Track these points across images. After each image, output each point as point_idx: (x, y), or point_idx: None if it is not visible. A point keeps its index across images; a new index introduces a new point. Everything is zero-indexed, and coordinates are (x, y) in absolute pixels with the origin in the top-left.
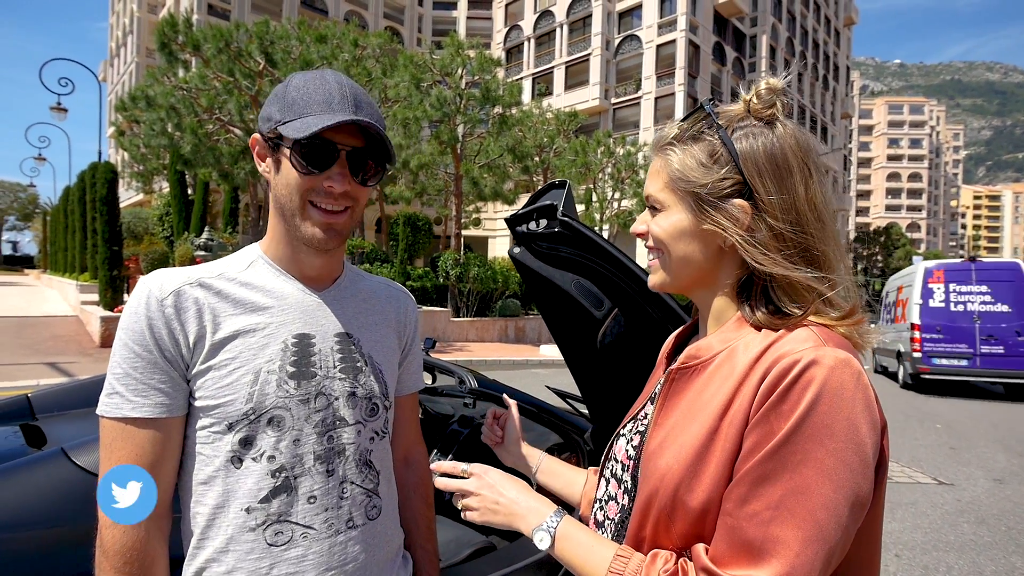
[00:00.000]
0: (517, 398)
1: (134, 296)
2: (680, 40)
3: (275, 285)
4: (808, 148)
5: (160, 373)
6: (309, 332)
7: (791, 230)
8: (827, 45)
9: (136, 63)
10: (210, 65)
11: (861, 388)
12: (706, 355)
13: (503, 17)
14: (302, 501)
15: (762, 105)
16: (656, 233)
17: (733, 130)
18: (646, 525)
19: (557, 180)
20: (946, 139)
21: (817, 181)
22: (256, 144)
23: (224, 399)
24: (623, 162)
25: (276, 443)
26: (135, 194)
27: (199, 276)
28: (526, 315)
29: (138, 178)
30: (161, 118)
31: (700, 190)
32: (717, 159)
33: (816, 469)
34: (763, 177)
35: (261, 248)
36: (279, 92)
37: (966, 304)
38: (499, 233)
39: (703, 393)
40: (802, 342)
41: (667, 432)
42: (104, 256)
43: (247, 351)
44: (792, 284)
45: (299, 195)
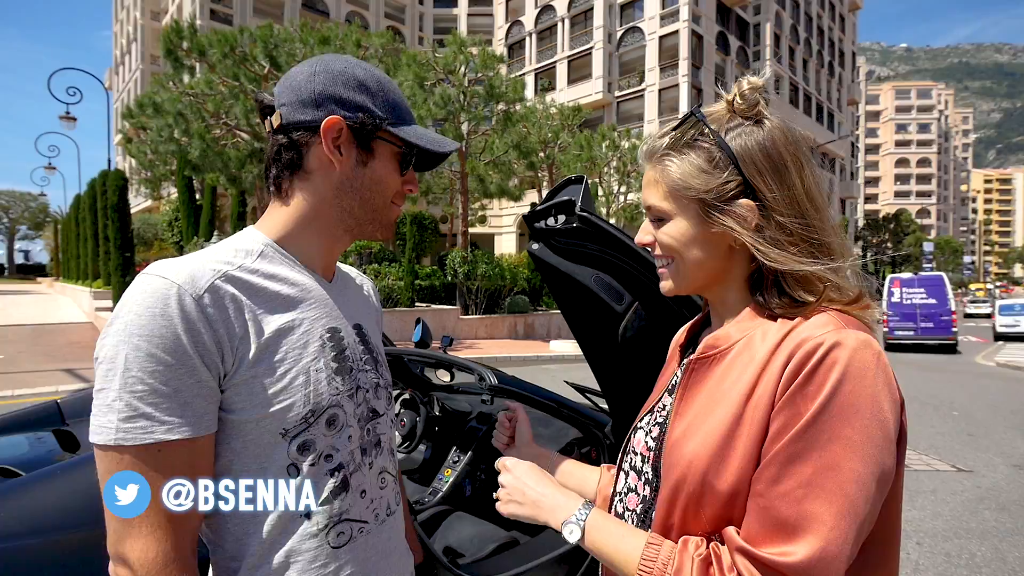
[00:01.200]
0: (537, 394)
1: (148, 294)
2: (683, 31)
3: (295, 277)
4: (797, 139)
5: (198, 387)
6: (336, 325)
7: (797, 224)
8: (832, 31)
9: (141, 70)
10: (216, 70)
11: (881, 367)
12: (724, 344)
13: (504, 13)
14: (355, 496)
15: (747, 105)
16: (666, 243)
17: (725, 132)
18: (674, 512)
19: (574, 176)
20: (955, 123)
21: (810, 171)
22: (335, 128)
23: (280, 405)
24: (628, 155)
25: (333, 442)
26: (144, 200)
27: (222, 268)
28: (535, 311)
29: (146, 184)
30: (169, 124)
31: (705, 196)
32: (717, 164)
33: (844, 446)
34: (764, 175)
35: (269, 236)
36: (367, 84)
37: (912, 299)
38: (505, 230)
39: (724, 381)
40: (823, 326)
41: (690, 420)
42: (117, 262)
43: (292, 351)
44: (804, 275)
45: (392, 193)
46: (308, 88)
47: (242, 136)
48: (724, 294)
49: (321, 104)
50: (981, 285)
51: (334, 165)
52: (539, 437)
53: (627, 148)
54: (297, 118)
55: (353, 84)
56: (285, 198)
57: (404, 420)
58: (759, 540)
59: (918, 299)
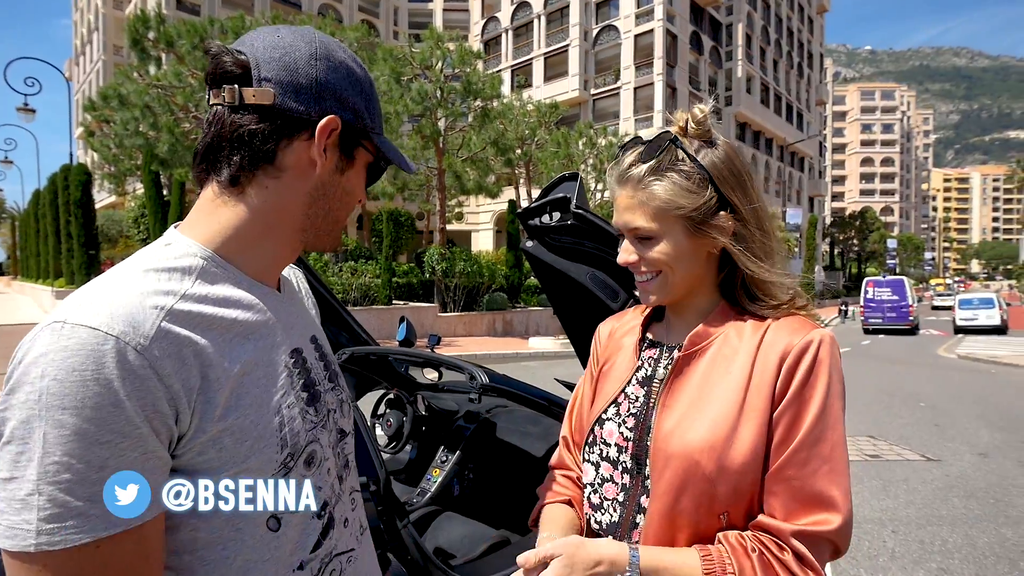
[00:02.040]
0: (527, 392)
1: (72, 352)
2: (658, 30)
3: (246, 298)
4: (742, 154)
5: (143, 458)
6: (297, 346)
7: (758, 232)
8: (801, 33)
9: (103, 61)
10: (185, 62)
11: (839, 356)
12: (705, 340)
13: (480, 9)
14: (339, 527)
15: (702, 129)
16: (656, 259)
17: (695, 153)
18: (682, 498)
19: (568, 173)
20: (916, 124)
21: (758, 183)
22: (329, 128)
23: (255, 458)
24: (605, 153)
25: (316, 480)
26: (107, 196)
27: (164, 303)
28: (513, 308)
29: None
30: (135, 117)
31: (694, 214)
32: (698, 183)
33: (838, 421)
34: (735, 190)
35: (205, 244)
36: (362, 84)
37: (881, 296)
38: (482, 227)
39: (712, 373)
40: (801, 328)
41: (683, 411)
42: (81, 261)
43: (261, 390)
44: (765, 281)
45: (354, 204)
46: (308, 73)
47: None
48: (695, 298)
49: (322, 97)
50: (941, 280)
51: (314, 167)
52: (528, 435)
53: (604, 145)
54: (289, 104)
55: (351, 82)
56: (238, 195)
57: (391, 420)
58: (799, 515)
59: (886, 296)
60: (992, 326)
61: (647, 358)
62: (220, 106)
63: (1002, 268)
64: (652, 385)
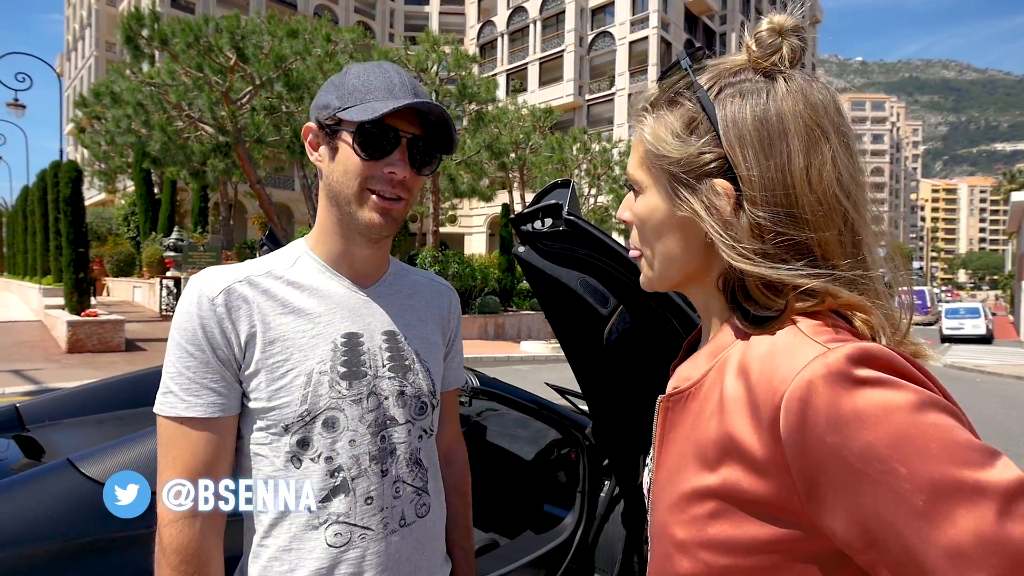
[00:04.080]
0: (518, 396)
1: (185, 295)
2: (652, 37)
3: (321, 283)
4: (818, 107)
5: (213, 372)
6: (357, 331)
7: (772, 216)
8: None
9: (95, 57)
10: (179, 60)
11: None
12: (696, 375)
13: (476, 13)
14: (360, 502)
15: (761, 53)
16: (633, 221)
17: (721, 88)
18: None
19: (560, 179)
20: (906, 134)
21: (832, 150)
22: (309, 133)
23: (279, 401)
24: (599, 158)
25: (332, 444)
26: (97, 193)
27: (248, 274)
28: (506, 312)
29: (100, 177)
30: (128, 114)
31: (673, 167)
32: (695, 128)
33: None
34: (744, 147)
35: (307, 244)
36: (336, 81)
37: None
38: (475, 230)
39: (697, 425)
40: (795, 354)
41: (665, 476)
42: (69, 258)
43: (298, 352)
44: (771, 283)
45: (358, 181)
46: (313, 105)
47: (206, 129)
48: (702, 298)
49: (311, 116)
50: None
51: (320, 167)
52: (518, 439)
53: (598, 151)
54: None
55: (327, 86)
56: (319, 206)
57: None
58: None
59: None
60: (978, 335)
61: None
62: None
63: (988, 278)
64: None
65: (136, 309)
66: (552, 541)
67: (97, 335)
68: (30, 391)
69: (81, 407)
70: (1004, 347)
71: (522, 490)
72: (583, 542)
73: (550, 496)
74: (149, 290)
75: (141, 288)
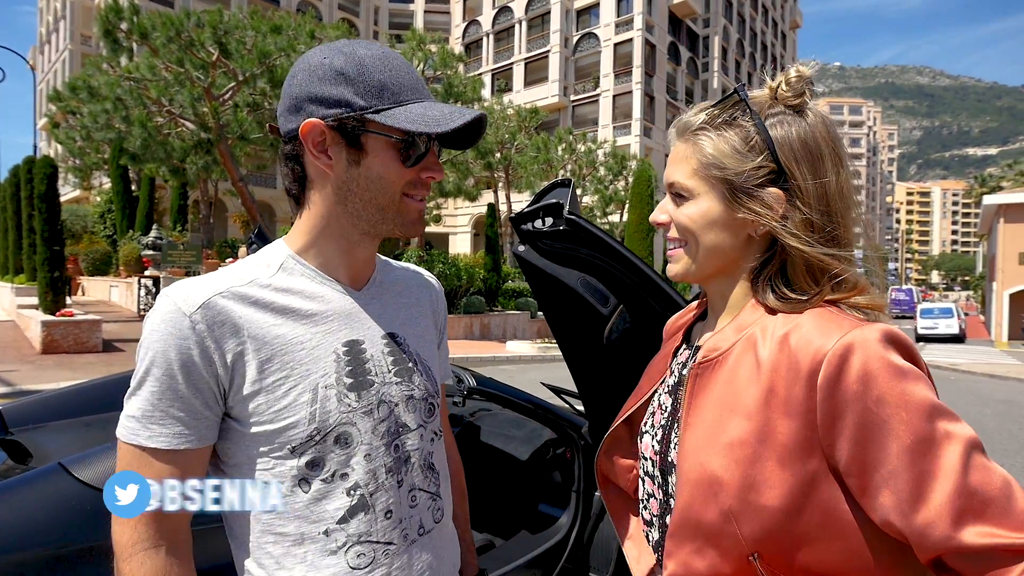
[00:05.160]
0: (514, 395)
1: (157, 310)
2: (637, 39)
3: (313, 289)
4: (836, 137)
5: (181, 402)
6: (357, 338)
7: (821, 218)
8: (774, 47)
9: (70, 51)
10: (159, 55)
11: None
12: (724, 346)
13: (461, 12)
14: (380, 518)
15: (792, 93)
16: (683, 223)
17: (766, 117)
18: (699, 532)
19: (561, 179)
20: (882, 138)
21: (845, 167)
22: (314, 132)
23: (283, 422)
24: (584, 159)
25: (347, 460)
26: (72, 190)
27: (229, 285)
28: (491, 311)
29: (75, 173)
30: (106, 110)
31: (735, 178)
32: (753, 146)
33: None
34: (799, 164)
35: (290, 248)
36: (345, 71)
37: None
38: (460, 230)
39: (732, 385)
40: (839, 325)
41: (705, 431)
42: (44, 256)
43: (299, 367)
44: (810, 268)
45: (399, 187)
46: (289, 92)
47: (187, 125)
48: (727, 287)
49: (300, 108)
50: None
51: (327, 171)
52: (512, 439)
53: (583, 152)
54: (287, 127)
55: (330, 76)
56: (301, 208)
57: None
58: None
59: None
60: (951, 335)
61: (678, 362)
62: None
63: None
64: (678, 394)
65: (113, 309)
66: (547, 541)
67: (73, 335)
68: (4, 393)
69: (67, 409)
70: (976, 346)
71: (517, 490)
72: (578, 541)
73: (545, 496)
74: (126, 289)
75: (118, 287)
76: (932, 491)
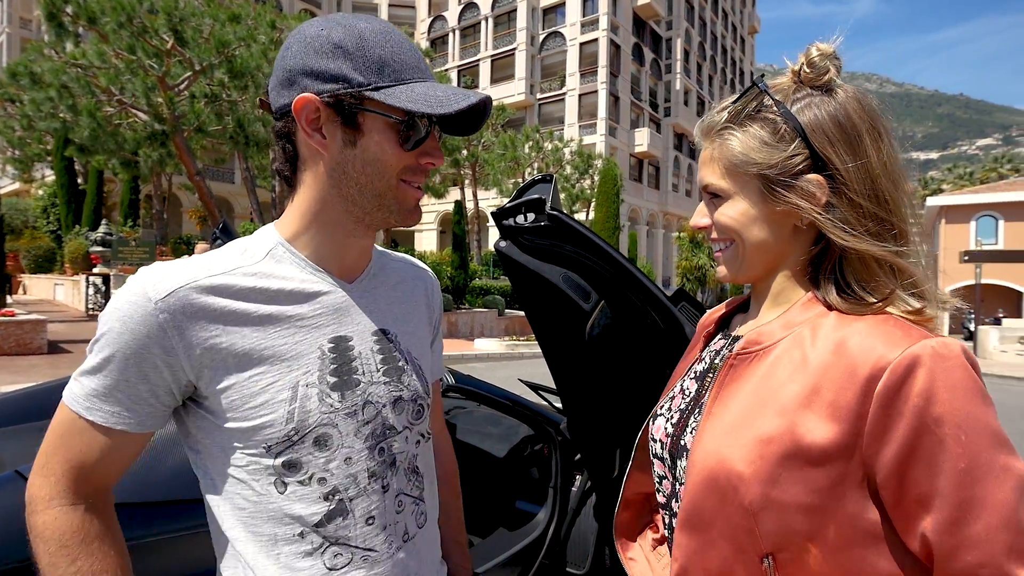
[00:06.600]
0: (492, 392)
1: (126, 290)
2: (602, 39)
3: (302, 280)
4: (873, 110)
5: (127, 385)
6: (345, 334)
7: (870, 202)
8: (734, 51)
9: (8, 34)
10: (109, 41)
11: (973, 376)
12: (768, 341)
13: (427, 6)
14: (360, 524)
15: (815, 73)
16: (725, 223)
17: (792, 103)
18: (713, 526)
19: (542, 175)
20: None
21: (888, 144)
22: (308, 109)
23: (259, 420)
24: (551, 157)
25: (325, 464)
26: (11, 183)
27: (209, 272)
28: (458, 309)
29: (15, 165)
30: (50, 97)
31: (769, 171)
32: (782, 136)
33: (999, 472)
34: (835, 146)
35: (281, 234)
36: (344, 44)
37: None
38: (426, 228)
39: (769, 380)
40: (907, 334)
41: (730, 422)
42: None
43: (279, 362)
44: (867, 263)
45: (396, 172)
46: (282, 64)
47: (139, 116)
48: (777, 282)
49: (294, 82)
50: None
51: (321, 151)
52: (489, 436)
53: (550, 150)
54: (279, 102)
55: (327, 49)
56: (293, 191)
57: None
58: None
59: None
60: None
61: (710, 350)
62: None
63: None
64: (705, 380)
65: (58, 308)
66: (525, 538)
67: (15, 336)
68: None
69: (20, 414)
70: None
71: (494, 488)
72: (556, 537)
73: (522, 492)
74: (73, 287)
75: (63, 285)
76: (977, 519)
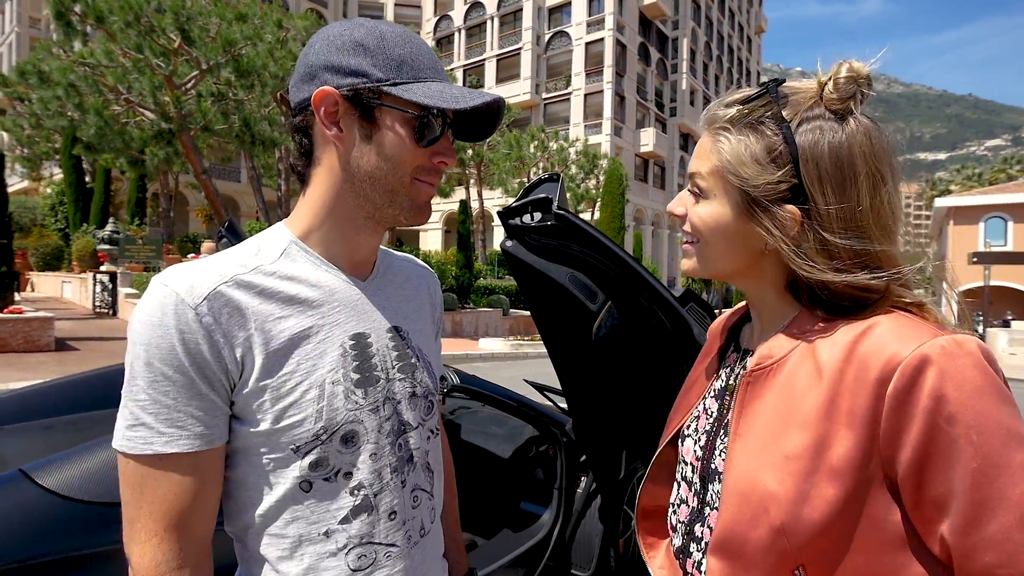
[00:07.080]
0: (496, 393)
1: (151, 302)
2: (608, 39)
3: (317, 277)
4: (881, 152)
5: (198, 399)
6: (364, 331)
7: (845, 242)
8: (740, 51)
9: (17, 33)
10: (117, 40)
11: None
12: (779, 354)
13: (433, 6)
14: (384, 519)
15: (838, 95)
16: (695, 222)
17: (800, 122)
18: (747, 543)
19: (549, 174)
20: None
21: (889, 189)
22: (327, 100)
23: (289, 420)
24: (556, 157)
25: (352, 460)
26: (19, 181)
27: (234, 272)
28: (463, 309)
29: (23, 163)
30: (58, 96)
31: (752, 190)
32: (776, 158)
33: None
34: (824, 184)
35: (292, 231)
36: (365, 42)
37: None
38: (431, 227)
39: (788, 395)
40: (917, 333)
41: (758, 442)
42: None
43: (305, 361)
44: (836, 286)
45: (410, 168)
46: (304, 60)
47: (146, 114)
48: (760, 293)
49: (315, 76)
50: None
51: (337, 144)
52: (493, 436)
53: (555, 150)
54: (299, 97)
55: (348, 46)
56: (305, 186)
57: None
58: None
59: None
60: None
61: (725, 367)
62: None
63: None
64: (724, 399)
65: (66, 306)
66: (530, 539)
67: (23, 334)
68: None
69: (24, 412)
70: None
71: (499, 489)
72: (561, 539)
73: (527, 494)
74: (80, 285)
75: (71, 283)
76: (992, 519)
